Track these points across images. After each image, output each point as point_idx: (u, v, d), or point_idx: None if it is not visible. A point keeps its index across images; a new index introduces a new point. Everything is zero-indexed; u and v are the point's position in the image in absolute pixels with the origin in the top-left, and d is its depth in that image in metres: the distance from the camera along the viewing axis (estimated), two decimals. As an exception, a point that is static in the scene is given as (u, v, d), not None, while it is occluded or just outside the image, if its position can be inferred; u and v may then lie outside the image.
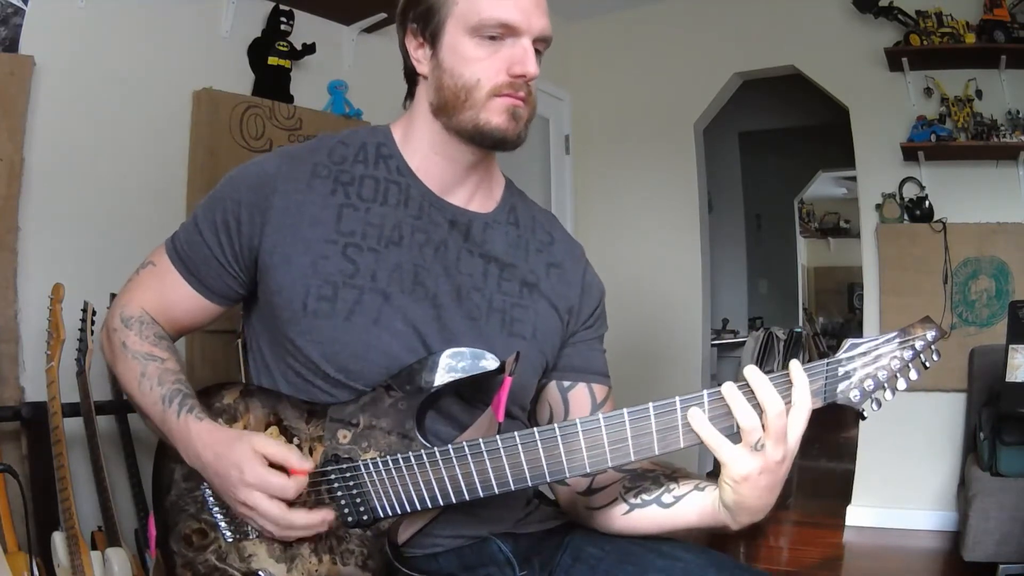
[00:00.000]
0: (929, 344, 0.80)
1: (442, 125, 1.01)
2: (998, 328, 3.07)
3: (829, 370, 0.80)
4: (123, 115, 2.22)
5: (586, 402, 1.10)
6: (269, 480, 0.86)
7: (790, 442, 0.81)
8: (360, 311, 0.95)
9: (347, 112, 2.77)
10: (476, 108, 0.97)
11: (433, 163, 1.03)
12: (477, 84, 0.96)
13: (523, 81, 0.97)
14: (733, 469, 0.82)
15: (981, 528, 2.52)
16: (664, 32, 3.98)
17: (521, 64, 0.96)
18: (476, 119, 0.97)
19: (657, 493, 0.97)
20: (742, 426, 0.80)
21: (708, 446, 0.81)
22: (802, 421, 0.81)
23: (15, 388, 1.91)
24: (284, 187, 0.98)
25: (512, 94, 0.97)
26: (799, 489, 4.48)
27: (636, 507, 0.99)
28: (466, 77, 0.96)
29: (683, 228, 3.96)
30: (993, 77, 3.23)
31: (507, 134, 0.98)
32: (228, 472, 0.88)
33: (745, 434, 0.80)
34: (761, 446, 0.80)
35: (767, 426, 0.80)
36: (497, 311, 1.02)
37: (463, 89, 0.97)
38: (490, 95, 0.96)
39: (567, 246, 1.13)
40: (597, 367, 1.12)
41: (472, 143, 1.00)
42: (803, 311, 7.65)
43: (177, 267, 1.03)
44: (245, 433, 0.92)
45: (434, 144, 1.03)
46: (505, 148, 1.00)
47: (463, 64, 0.97)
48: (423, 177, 1.03)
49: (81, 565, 1.70)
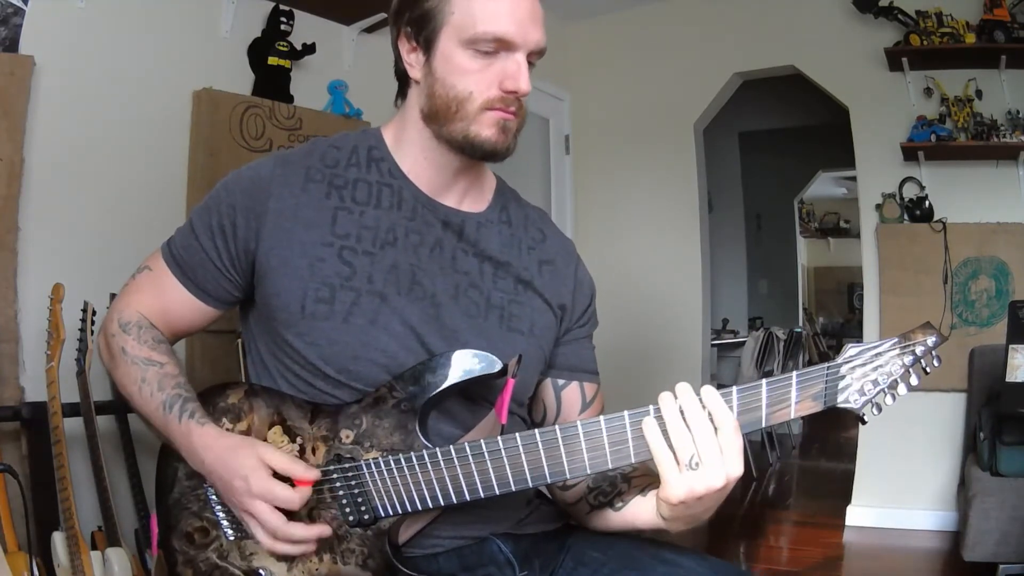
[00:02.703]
0: (930, 350, 0.79)
1: (432, 132, 1.01)
2: (998, 328, 3.07)
3: (829, 374, 0.79)
4: (123, 115, 2.22)
5: (576, 401, 1.11)
6: (274, 491, 0.87)
7: (728, 468, 0.79)
8: (358, 312, 0.95)
9: (347, 112, 2.77)
10: (467, 120, 0.97)
11: (423, 167, 1.04)
12: (469, 97, 0.96)
13: (515, 97, 0.97)
14: (669, 492, 0.81)
15: (981, 528, 2.52)
16: (664, 32, 3.97)
17: (514, 80, 0.96)
18: (467, 131, 0.97)
19: (611, 496, 1.00)
20: (674, 444, 0.80)
21: (655, 459, 0.81)
22: (733, 444, 0.79)
23: (15, 388, 1.91)
24: (279, 191, 0.98)
25: (503, 108, 0.97)
26: (799, 489, 4.49)
27: (595, 508, 1.03)
28: (458, 89, 0.96)
29: (683, 228, 3.95)
30: (993, 77, 3.23)
31: (497, 147, 0.98)
32: (232, 480, 0.89)
33: (678, 452, 0.80)
34: (696, 464, 0.79)
35: (699, 448, 0.79)
36: (495, 308, 1.03)
37: (455, 100, 0.97)
38: (481, 108, 0.96)
39: (559, 243, 1.14)
40: (589, 365, 1.14)
41: (462, 153, 1.00)
42: (803, 311, 7.64)
43: (173, 271, 1.04)
44: (249, 441, 0.92)
45: (424, 149, 1.03)
46: (495, 159, 1.01)
47: (456, 75, 0.96)
48: (415, 179, 1.04)
49: (81, 565, 1.70)
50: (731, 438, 0.79)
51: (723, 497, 0.83)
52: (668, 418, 0.80)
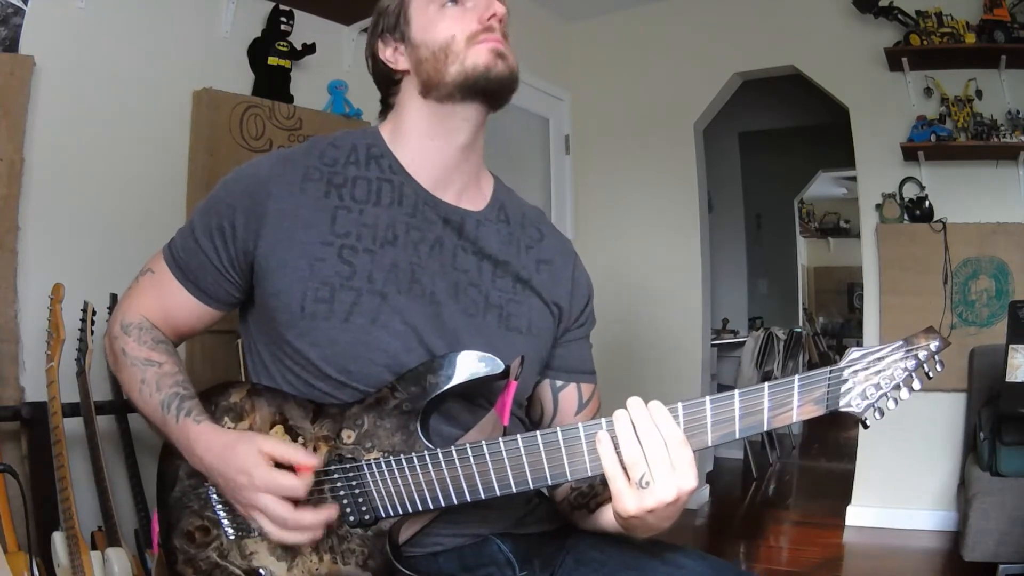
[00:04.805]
0: (933, 354, 0.79)
1: (435, 100, 1.02)
2: (998, 328, 3.07)
3: (832, 378, 0.79)
4: (123, 115, 2.21)
5: (573, 401, 1.12)
6: (279, 481, 0.87)
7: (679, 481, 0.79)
8: (358, 312, 0.95)
9: (347, 112, 2.77)
10: (459, 59, 0.99)
11: (426, 152, 1.04)
12: (453, 39, 1.00)
13: (496, 22, 1.00)
14: (621, 507, 0.81)
15: (981, 528, 2.52)
16: (664, 32, 3.97)
17: (487, 7, 1.00)
18: (463, 68, 0.99)
19: (587, 498, 1.01)
20: (625, 459, 0.80)
21: (606, 475, 0.81)
22: (683, 458, 0.79)
23: (15, 388, 1.91)
24: (278, 191, 0.98)
25: (488, 37, 1.00)
26: (799, 489, 4.49)
27: (575, 507, 1.03)
28: (440, 37, 1.00)
29: (683, 228, 3.95)
30: (993, 77, 3.23)
31: (494, 71, 0.99)
32: (235, 476, 0.88)
33: (629, 468, 0.80)
34: (646, 483, 0.79)
35: (650, 464, 0.79)
36: (494, 307, 1.03)
37: (441, 49, 1.00)
38: (468, 43, 0.99)
39: (557, 242, 1.14)
40: (587, 366, 1.14)
41: (469, 98, 1.01)
42: (803, 311, 7.65)
43: (175, 273, 1.04)
44: (247, 435, 0.92)
45: (429, 128, 1.04)
46: (500, 88, 1.01)
47: (434, 29, 1.01)
48: (415, 173, 1.04)
49: (81, 565, 1.70)
50: (680, 452, 0.79)
51: (679, 509, 0.83)
52: (620, 434, 0.80)
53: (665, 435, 0.80)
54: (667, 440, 0.80)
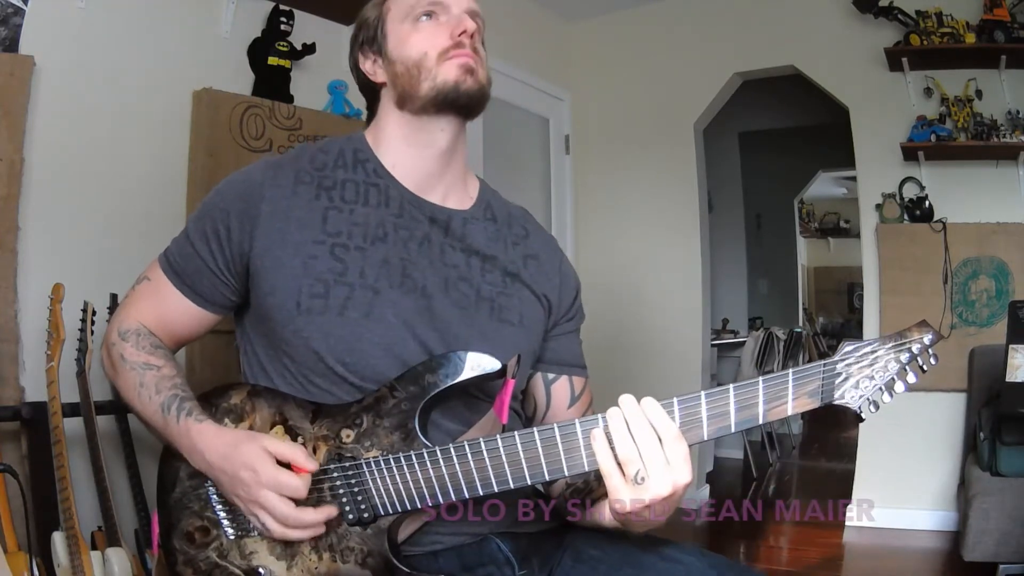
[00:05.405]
0: (926, 347, 0.80)
1: (410, 113, 1.05)
2: (998, 328, 3.07)
3: (826, 371, 0.80)
4: (123, 115, 2.21)
5: (566, 395, 1.13)
6: (282, 480, 0.88)
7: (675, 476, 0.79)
8: (352, 306, 0.97)
9: (347, 112, 2.77)
10: (430, 75, 1.02)
11: (407, 157, 1.07)
12: (425, 56, 1.03)
13: (466, 38, 1.02)
14: (616, 503, 0.82)
15: (981, 528, 2.52)
16: (664, 32, 3.97)
17: (459, 23, 1.02)
18: (434, 84, 1.02)
19: (583, 495, 1.01)
20: (620, 457, 0.80)
21: (601, 470, 0.81)
22: (678, 453, 0.80)
23: (15, 388, 1.91)
24: (271, 194, 1.01)
25: (459, 53, 1.02)
26: (799, 489, 4.48)
27: (572, 503, 1.04)
28: (413, 54, 1.03)
29: (683, 228, 3.95)
30: (993, 77, 3.23)
31: (462, 86, 1.02)
32: (239, 473, 0.89)
33: (624, 465, 0.80)
34: (641, 479, 0.80)
35: (645, 461, 0.80)
36: (485, 300, 1.05)
37: (414, 65, 1.03)
38: (440, 59, 1.02)
39: (542, 239, 1.17)
40: (578, 360, 1.16)
41: (440, 112, 1.03)
42: (803, 311, 7.65)
43: (171, 279, 1.06)
44: (249, 434, 0.93)
45: (406, 136, 1.07)
46: (470, 104, 1.04)
47: (408, 46, 1.04)
48: (399, 176, 1.07)
49: (81, 565, 1.70)
50: (675, 447, 0.80)
51: (675, 503, 0.83)
52: (614, 432, 0.81)
53: (660, 431, 0.80)
54: (662, 436, 0.80)
